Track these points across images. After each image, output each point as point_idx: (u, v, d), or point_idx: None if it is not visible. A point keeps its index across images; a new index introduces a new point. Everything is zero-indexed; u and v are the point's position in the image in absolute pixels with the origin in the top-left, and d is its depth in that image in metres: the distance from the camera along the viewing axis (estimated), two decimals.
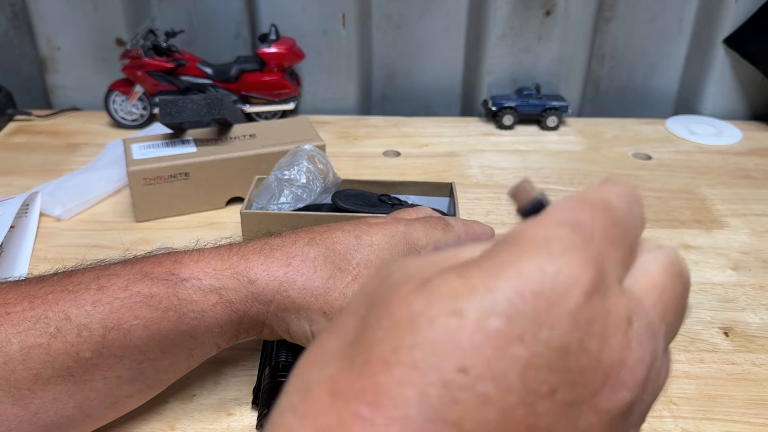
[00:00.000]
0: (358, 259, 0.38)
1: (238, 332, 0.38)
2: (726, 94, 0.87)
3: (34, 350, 0.33)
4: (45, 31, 0.86)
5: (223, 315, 0.36)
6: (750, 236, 0.61)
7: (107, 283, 0.35)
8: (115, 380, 0.35)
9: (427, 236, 0.40)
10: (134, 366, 0.35)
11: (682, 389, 0.43)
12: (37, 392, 0.33)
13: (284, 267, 0.37)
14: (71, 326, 0.34)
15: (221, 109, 0.63)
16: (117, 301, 0.34)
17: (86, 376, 0.34)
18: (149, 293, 0.35)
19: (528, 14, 0.85)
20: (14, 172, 0.73)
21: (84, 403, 0.35)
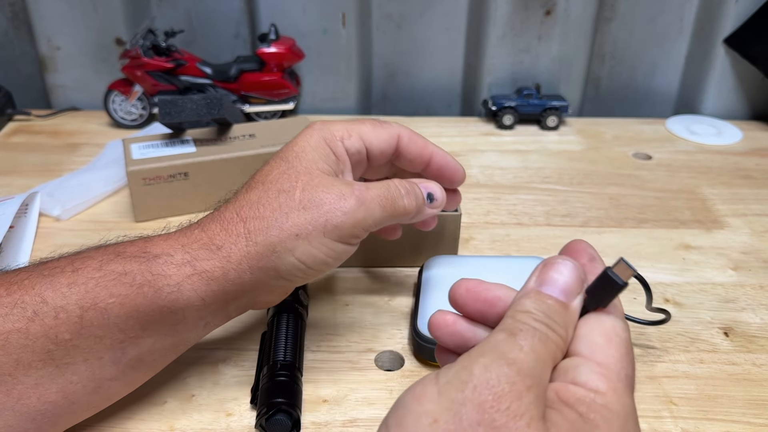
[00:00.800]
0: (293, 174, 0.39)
1: (225, 304, 0.38)
2: (726, 94, 0.87)
3: (13, 335, 0.33)
4: (45, 30, 0.86)
5: (201, 286, 0.37)
6: (750, 236, 0.61)
7: (81, 265, 0.35)
8: (97, 362, 0.35)
9: (348, 128, 0.42)
10: (115, 346, 0.35)
11: (682, 389, 0.43)
12: (18, 377, 0.33)
13: (240, 222, 0.38)
14: (48, 309, 0.34)
15: (221, 109, 0.63)
16: (91, 281, 0.35)
17: (67, 359, 0.34)
18: (123, 271, 0.35)
19: (528, 14, 0.85)
20: (13, 172, 0.72)
21: (67, 388, 0.34)
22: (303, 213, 0.37)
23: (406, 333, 0.48)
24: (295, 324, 0.45)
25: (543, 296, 0.28)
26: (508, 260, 0.51)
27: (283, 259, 0.37)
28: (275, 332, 0.44)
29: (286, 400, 0.39)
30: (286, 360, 0.42)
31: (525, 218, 0.64)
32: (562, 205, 0.66)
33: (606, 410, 0.25)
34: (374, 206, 0.39)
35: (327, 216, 0.37)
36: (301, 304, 0.47)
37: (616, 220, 0.63)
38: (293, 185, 0.38)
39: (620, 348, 0.27)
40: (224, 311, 0.39)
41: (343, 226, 0.37)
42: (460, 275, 0.48)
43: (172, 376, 0.44)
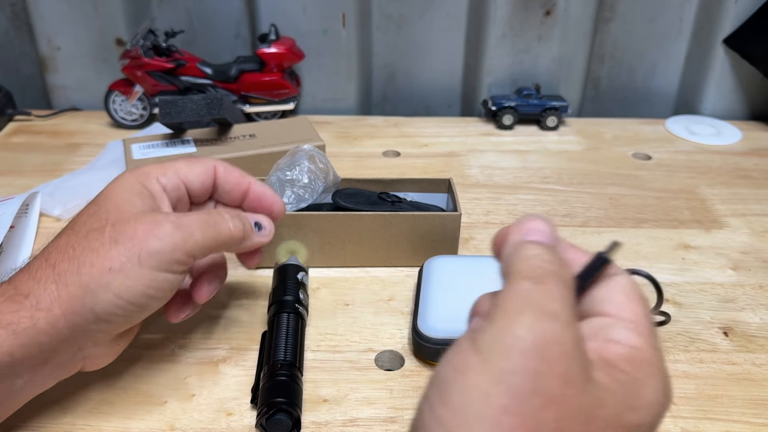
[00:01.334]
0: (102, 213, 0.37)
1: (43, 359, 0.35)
2: (726, 94, 0.87)
3: None
4: (45, 31, 0.86)
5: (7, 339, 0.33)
6: (750, 236, 0.61)
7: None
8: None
9: (162, 167, 0.41)
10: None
11: (682, 389, 0.43)
12: None
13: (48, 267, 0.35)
14: None
15: (221, 109, 0.63)
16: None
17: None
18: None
19: (528, 14, 0.85)
20: (14, 172, 0.73)
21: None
22: (115, 246, 0.35)
23: (406, 333, 0.48)
24: (296, 323, 0.45)
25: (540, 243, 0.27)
26: None
27: (99, 297, 0.34)
28: (275, 331, 0.44)
29: (286, 399, 0.39)
30: (287, 359, 0.42)
31: None
32: (562, 205, 0.66)
33: (648, 365, 0.25)
34: (193, 229, 0.37)
35: (141, 245, 0.35)
36: (302, 303, 0.47)
37: (615, 220, 0.63)
38: (103, 223, 0.36)
39: (641, 302, 0.27)
40: (44, 368, 0.35)
41: (161, 251, 0.35)
42: (460, 275, 0.48)
43: (172, 376, 0.44)
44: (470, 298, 0.46)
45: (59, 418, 0.41)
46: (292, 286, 0.48)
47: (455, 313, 0.44)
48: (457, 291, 0.47)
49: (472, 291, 0.47)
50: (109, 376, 0.44)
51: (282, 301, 0.46)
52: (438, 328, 0.44)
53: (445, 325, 0.44)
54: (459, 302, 0.46)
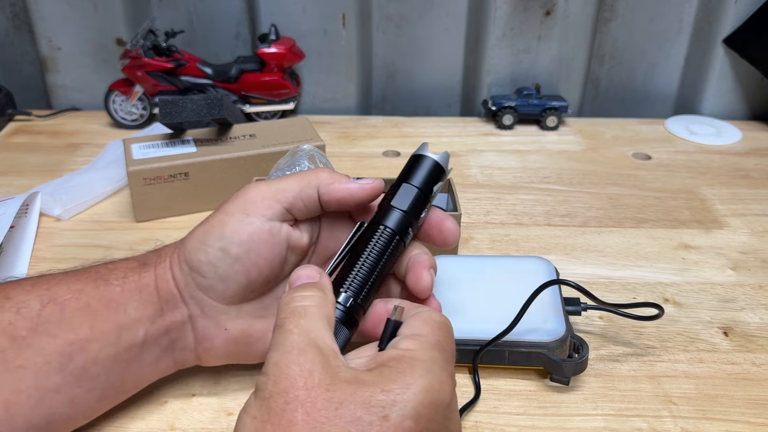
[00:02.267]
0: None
1: (160, 309, 0.38)
2: (726, 94, 0.87)
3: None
4: (45, 31, 0.86)
5: (139, 278, 0.38)
6: (749, 236, 0.61)
7: (48, 275, 0.38)
8: (44, 367, 0.34)
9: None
10: (64, 349, 0.35)
11: (682, 389, 0.43)
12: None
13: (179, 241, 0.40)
14: (10, 305, 0.35)
15: (221, 109, 0.63)
16: (54, 280, 0.37)
17: (18, 361, 0.34)
18: (85, 270, 0.38)
19: (528, 14, 0.85)
20: (14, 172, 0.73)
21: (10, 398, 0.34)
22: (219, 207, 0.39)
23: None
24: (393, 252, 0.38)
25: (292, 287, 0.34)
26: (509, 260, 0.51)
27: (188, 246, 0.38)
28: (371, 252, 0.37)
29: None
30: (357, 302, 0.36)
31: (525, 218, 0.64)
32: (562, 205, 0.66)
33: (412, 360, 0.30)
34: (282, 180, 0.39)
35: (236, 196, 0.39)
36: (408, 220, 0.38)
37: (615, 220, 0.63)
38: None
39: (433, 325, 0.33)
40: (162, 320, 0.38)
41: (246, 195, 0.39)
42: (461, 275, 0.48)
43: (172, 376, 0.44)
44: (472, 298, 0.46)
45: None
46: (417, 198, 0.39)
47: (458, 314, 0.44)
48: (459, 291, 0.47)
49: (473, 291, 0.47)
50: None
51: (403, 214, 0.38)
52: None
53: None
54: (461, 303, 0.46)
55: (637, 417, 0.41)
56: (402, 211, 0.38)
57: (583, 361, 0.43)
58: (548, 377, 0.44)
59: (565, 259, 0.57)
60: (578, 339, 0.44)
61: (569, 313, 0.45)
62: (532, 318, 0.42)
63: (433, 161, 0.40)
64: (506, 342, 0.42)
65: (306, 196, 0.38)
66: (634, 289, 0.53)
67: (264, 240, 0.37)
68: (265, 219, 0.37)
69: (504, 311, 0.44)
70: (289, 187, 0.38)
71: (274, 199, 0.38)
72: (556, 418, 0.41)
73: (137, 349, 0.37)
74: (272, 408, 0.28)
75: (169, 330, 0.38)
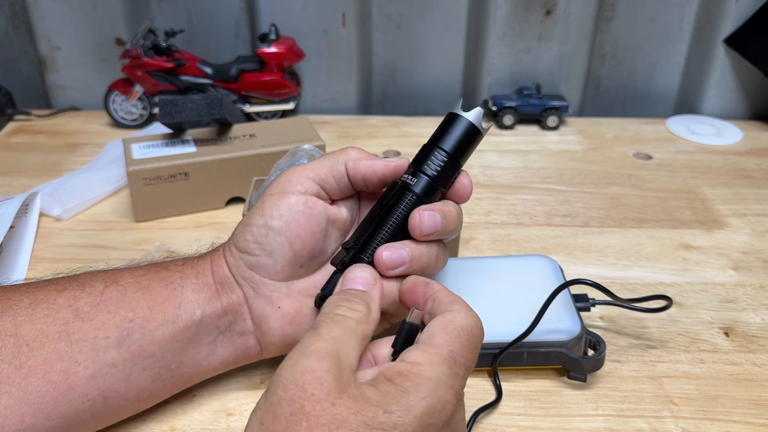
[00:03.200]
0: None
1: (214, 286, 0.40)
2: (726, 94, 0.87)
3: (41, 305, 0.37)
4: (45, 30, 0.86)
5: (195, 264, 0.40)
6: (751, 236, 0.61)
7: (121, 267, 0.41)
8: (103, 341, 0.37)
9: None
10: (123, 325, 0.37)
11: (683, 389, 0.43)
12: (34, 350, 0.35)
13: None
14: (77, 284, 0.38)
15: (221, 109, 0.63)
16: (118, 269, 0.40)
17: (79, 334, 0.36)
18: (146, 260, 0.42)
19: (528, 14, 0.85)
20: (14, 172, 0.72)
21: (70, 368, 0.36)
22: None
23: None
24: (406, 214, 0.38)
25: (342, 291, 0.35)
26: (512, 260, 0.51)
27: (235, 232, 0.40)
28: (395, 215, 0.38)
29: None
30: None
31: (525, 218, 0.64)
32: (563, 205, 0.66)
33: (418, 377, 0.29)
34: (314, 161, 0.41)
35: (275, 180, 0.41)
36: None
37: (616, 220, 0.63)
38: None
39: (452, 332, 0.31)
40: (218, 302, 0.39)
41: (283, 176, 0.41)
42: (467, 278, 0.48)
43: None
44: (483, 301, 0.46)
45: None
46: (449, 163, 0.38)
47: None
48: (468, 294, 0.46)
49: (482, 293, 0.47)
50: None
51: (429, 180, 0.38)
52: None
53: None
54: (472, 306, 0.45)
55: (638, 417, 0.41)
56: (429, 177, 0.38)
57: (601, 358, 0.43)
58: (564, 376, 0.44)
59: (566, 260, 0.57)
60: (594, 335, 0.44)
61: (579, 309, 0.46)
62: (546, 317, 0.42)
63: (467, 122, 0.38)
64: (525, 343, 0.42)
65: (336, 172, 0.40)
66: (635, 290, 0.53)
67: (302, 212, 0.39)
68: (300, 193, 0.39)
69: (517, 312, 0.44)
70: (320, 164, 0.40)
71: (307, 176, 0.40)
72: (556, 418, 0.41)
73: (194, 329, 0.39)
74: (278, 416, 0.28)
75: (227, 311, 0.40)
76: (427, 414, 0.28)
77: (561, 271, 0.49)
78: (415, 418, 0.28)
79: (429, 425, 0.28)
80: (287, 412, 0.28)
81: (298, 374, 0.29)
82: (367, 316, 0.33)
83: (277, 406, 0.28)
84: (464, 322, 0.32)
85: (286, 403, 0.28)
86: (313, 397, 0.28)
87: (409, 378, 0.29)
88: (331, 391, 0.28)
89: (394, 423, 0.27)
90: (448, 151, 0.38)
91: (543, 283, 0.47)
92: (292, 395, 0.28)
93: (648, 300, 0.45)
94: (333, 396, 0.28)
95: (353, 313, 0.32)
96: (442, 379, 0.29)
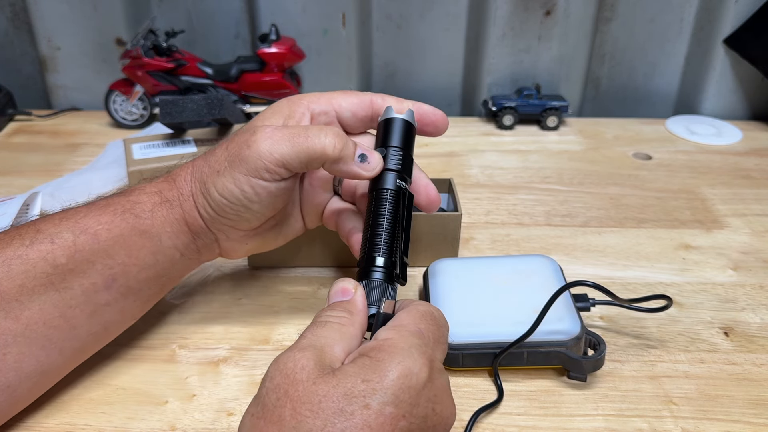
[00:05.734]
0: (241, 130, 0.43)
1: (192, 236, 0.43)
2: (726, 94, 0.87)
3: (14, 261, 0.37)
4: (45, 31, 0.86)
5: (166, 212, 0.42)
6: (750, 236, 0.61)
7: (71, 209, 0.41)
8: (91, 287, 0.39)
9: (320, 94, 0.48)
10: (105, 272, 0.39)
11: (683, 389, 0.43)
12: (24, 303, 0.37)
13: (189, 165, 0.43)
14: (43, 237, 0.38)
15: (221, 109, 0.64)
16: (80, 214, 0.40)
17: (64, 284, 0.38)
18: (106, 203, 0.41)
19: (528, 14, 0.85)
20: (14, 172, 0.73)
21: (67, 312, 0.38)
22: (224, 152, 0.41)
23: None
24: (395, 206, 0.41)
25: (329, 303, 0.37)
26: (512, 260, 0.51)
27: (211, 193, 0.41)
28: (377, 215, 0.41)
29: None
30: (391, 259, 0.40)
31: (525, 218, 0.64)
32: (563, 205, 0.66)
33: (391, 347, 0.31)
34: (283, 140, 0.40)
35: (237, 151, 0.40)
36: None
37: (616, 220, 0.63)
38: (239, 134, 0.42)
39: (416, 315, 0.34)
40: (193, 245, 0.43)
41: (248, 158, 0.39)
42: (468, 278, 0.48)
43: (172, 376, 0.44)
44: (483, 301, 0.46)
45: (60, 417, 0.41)
46: (404, 157, 0.43)
47: (472, 318, 0.44)
48: (469, 294, 0.47)
49: (483, 293, 0.47)
50: (110, 376, 0.44)
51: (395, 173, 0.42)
52: (453, 333, 0.43)
53: (459, 329, 0.43)
54: (473, 306, 0.46)
55: (637, 417, 0.41)
56: (395, 171, 0.42)
57: (601, 358, 0.43)
58: (563, 376, 0.44)
59: (566, 260, 0.57)
60: (593, 335, 0.44)
61: (579, 309, 0.46)
62: (546, 317, 0.42)
63: (403, 120, 0.43)
64: (525, 343, 0.42)
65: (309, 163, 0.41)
66: (635, 290, 0.53)
67: (280, 196, 0.42)
68: (264, 181, 0.40)
69: (517, 312, 0.44)
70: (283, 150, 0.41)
71: (277, 164, 0.40)
72: (556, 418, 0.41)
73: (172, 265, 0.43)
74: (266, 405, 0.30)
75: (200, 250, 0.44)
76: (403, 376, 0.30)
77: (561, 271, 0.49)
78: (392, 381, 0.29)
79: (407, 387, 0.30)
80: (273, 398, 0.30)
81: (281, 365, 0.31)
82: (349, 318, 0.35)
83: (264, 396, 0.30)
84: (425, 308, 0.35)
85: (272, 392, 0.30)
86: (295, 381, 0.30)
87: (383, 349, 0.31)
88: (311, 373, 0.30)
89: (372, 389, 0.29)
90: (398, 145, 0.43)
91: (543, 283, 0.47)
92: (277, 384, 0.30)
93: (648, 300, 0.45)
94: (313, 377, 0.30)
95: (334, 319, 0.34)
96: (414, 347, 0.32)
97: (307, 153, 0.39)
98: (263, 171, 0.39)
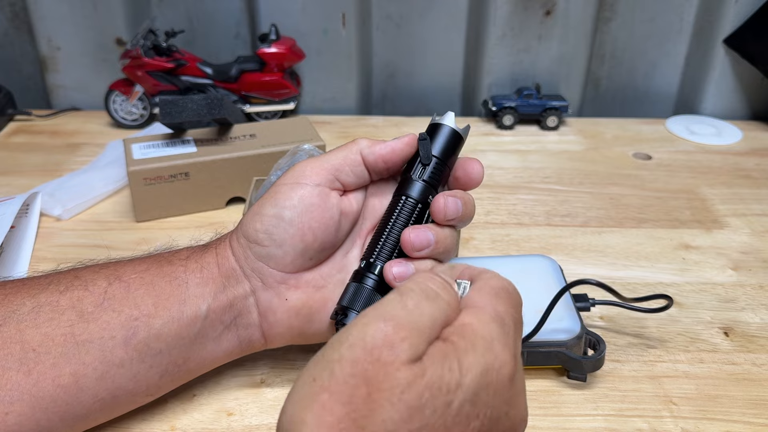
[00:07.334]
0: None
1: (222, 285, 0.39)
2: (726, 94, 0.87)
3: (44, 308, 0.36)
4: (45, 31, 0.86)
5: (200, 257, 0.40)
6: (750, 236, 0.61)
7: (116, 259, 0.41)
8: (109, 342, 0.36)
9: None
10: (128, 324, 0.37)
11: (682, 389, 0.43)
12: (40, 355, 0.35)
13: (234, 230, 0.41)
14: (79, 283, 0.37)
15: (221, 109, 0.63)
16: (120, 263, 0.40)
17: (85, 335, 0.36)
18: (150, 254, 0.41)
19: (528, 14, 0.85)
20: (14, 172, 0.73)
21: (79, 370, 0.36)
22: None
23: None
24: (408, 217, 0.40)
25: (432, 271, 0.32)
26: (512, 259, 0.51)
27: (245, 219, 0.40)
28: (387, 220, 0.40)
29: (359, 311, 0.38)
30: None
31: (525, 218, 0.64)
32: (562, 205, 0.66)
33: (472, 335, 0.28)
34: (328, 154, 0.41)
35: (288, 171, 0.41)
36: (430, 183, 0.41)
37: (616, 220, 0.63)
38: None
39: (490, 292, 0.31)
40: (223, 294, 0.39)
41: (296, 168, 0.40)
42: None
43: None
44: None
45: None
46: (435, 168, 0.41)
47: None
48: None
49: None
50: None
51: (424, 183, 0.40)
52: None
53: None
54: None
55: (637, 417, 0.41)
56: (428, 183, 0.40)
57: (601, 358, 0.43)
58: (563, 376, 0.44)
59: (566, 259, 0.57)
60: (593, 335, 0.44)
61: (579, 309, 0.46)
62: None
63: (452, 130, 0.42)
64: (525, 343, 0.42)
65: (351, 161, 0.40)
66: (634, 290, 0.53)
67: (315, 203, 0.39)
68: (314, 184, 0.39)
69: None
70: (334, 155, 0.40)
71: (321, 167, 0.40)
72: (556, 418, 0.41)
73: (200, 324, 0.38)
74: (335, 374, 0.26)
75: (232, 304, 0.39)
76: (486, 372, 0.27)
77: (561, 271, 0.49)
78: (475, 377, 0.27)
79: (487, 384, 0.27)
80: (347, 372, 0.26)
81: (368, 336, 0.26)
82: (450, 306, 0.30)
83: (336, 363, 0.26)
84: (499, 284, 0.31)
85: (347, 362, 0.26)
86: (378, 362, 0.26)
87: (462, 335, 0.28)
88: (397, 357, 0.26)
89: (457, 383, 0.26)
90: (438, 156, 0.41)
91: (543, 283, 0.47)
92: (356, 356, 0.26)
93: (649, 299, 0.45)
94: (398, 363, 0.26)
95: (447, 295, 0.30)
96: (495, 338, 0.28)
97: (345, 156, 0.40)
98: (306, 178, 0.39)
